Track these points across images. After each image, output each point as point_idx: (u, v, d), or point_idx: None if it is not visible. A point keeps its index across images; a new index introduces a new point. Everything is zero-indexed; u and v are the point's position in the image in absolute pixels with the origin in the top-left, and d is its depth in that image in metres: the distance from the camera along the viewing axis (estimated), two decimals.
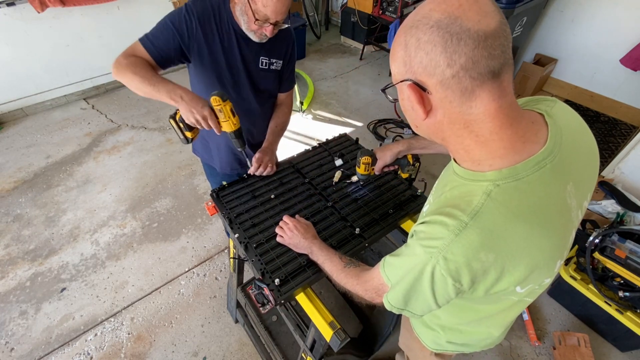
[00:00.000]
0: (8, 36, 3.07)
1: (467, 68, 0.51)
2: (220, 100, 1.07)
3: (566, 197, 0.61)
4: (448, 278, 0.59)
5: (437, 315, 0.92)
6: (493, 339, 0.96)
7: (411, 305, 0.69)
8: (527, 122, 0.60)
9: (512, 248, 0.58)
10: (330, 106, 3.72)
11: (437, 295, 0.64)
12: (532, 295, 0.74)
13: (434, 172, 2.89)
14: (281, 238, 1.11)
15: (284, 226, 1.12)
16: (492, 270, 0.58)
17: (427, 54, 0.53)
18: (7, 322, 1.95)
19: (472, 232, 0.57)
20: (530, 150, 0.58)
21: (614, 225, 1.81)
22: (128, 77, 1.09)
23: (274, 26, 1.13)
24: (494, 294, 0.64)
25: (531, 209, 0.58)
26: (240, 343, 1.87)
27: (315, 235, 1.09)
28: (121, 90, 3.85)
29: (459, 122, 0.58)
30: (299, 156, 1.52)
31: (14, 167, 2.89)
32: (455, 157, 0.66)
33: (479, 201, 0.57)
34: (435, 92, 0.56)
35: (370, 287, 0.79)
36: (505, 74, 0.54)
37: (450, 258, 0.58)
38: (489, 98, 0.54)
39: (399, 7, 3.73)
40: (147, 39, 1.14)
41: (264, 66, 1.31)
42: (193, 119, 1.09)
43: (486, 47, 0.50)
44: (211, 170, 1.62)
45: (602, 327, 1.89)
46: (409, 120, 0.66)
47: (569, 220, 0.63)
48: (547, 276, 0.67)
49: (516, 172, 0.57)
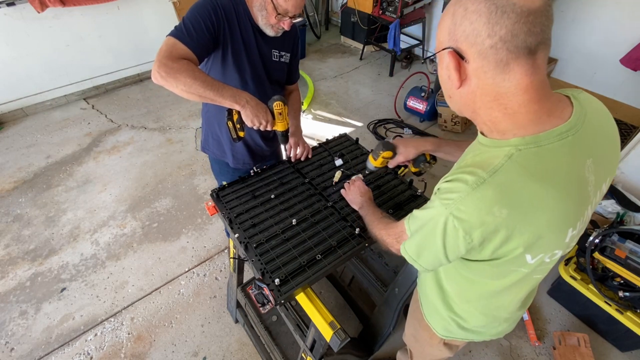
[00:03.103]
0: (8, 36, 3.07)
1: (506, 40, 0.54)
2: (282, 105, 1.19)
3: (585, 170, 0.64)
4: (460, 230, 0.63)
5: (447, 290, 0.93)
6: (502, 326, 0.98)
7: (423, 258, 0.74)
8: (555, 100, 0.63)
9: (525, 206, 0.60)
10: (330, 106, 3.72)
11: (448, 248, 0.67)
12: (542, 269, 0.76)
13: (434, 172, 2.89)
14: (344, 191, 1.29)
15: (350, 183, 1.28)
16: (502, 228, 0.61)
17: (471, 23, 0.57)
18: (7, 322, 1.95)
19: (489, 187, 0.60)
20: (554, 123, 0.62)
21: (614, 225, 1.80)
22: (185, 82, 1.03)
23: (292, 19, 1.20)
24: (502, 257, 0.67)
25: (548, 173, 0.60)
26: (240, 343, 1.87)
27: (371, 198, 1.21)
28: (121, 90, 3.85)
29: (490, 94, 0.61)
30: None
31: (14, 167, 2.89)
32: (482, 130, 0.70)
33: (499, 162, 0.61)
34: (472, 61, 0.59)
35: (392, 233, 0.87)
36: (540, 52, 0.56)
37: (464, 209, 0.61)
38: (522, 73, 0.57)
39: (399, 7, 3.73)
40: (182, 34, 1.08)
41: (275, 58, 1.37)
42: (257, 122, 1.16)
43: (527, 23, 0.53)
44: (221, 167, 1.64)
45: (602, 327, 1.89)
46: (444, 92, 0.71)
47: (586, 193, 0.66)
48: (557, 247, 0.69)
49: (538, 140, 0.61)
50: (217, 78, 1.29)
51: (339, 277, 2.05)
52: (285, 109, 1.21)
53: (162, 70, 1.02)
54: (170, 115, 3.52)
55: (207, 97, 1.07)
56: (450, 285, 0.92)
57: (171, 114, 3.55)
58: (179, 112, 3.57)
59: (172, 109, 3.60)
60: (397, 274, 1.48)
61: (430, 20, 4.26)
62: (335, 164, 1.47)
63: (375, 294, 1.71)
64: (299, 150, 1.47)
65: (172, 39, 1.07)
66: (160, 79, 1.03)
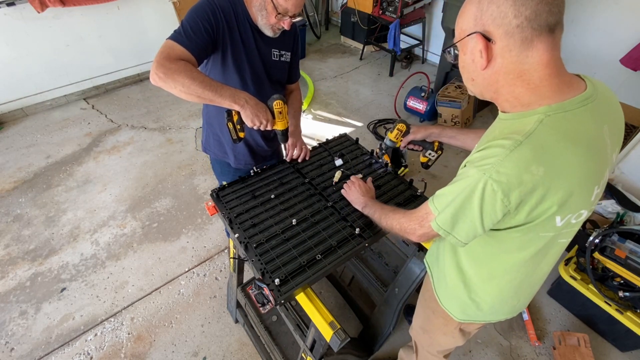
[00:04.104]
0: (8, 36, 3.07)
1: (531, 19, 0.62)
2: (282, 103, 1.18)
3: (604, 134, 0.71)
4: (498, 192, 0.66)
5: (467, 271, 0.95)
6: (519, 302, 0.99)
7: (457, 228, 0.75)
8: (571, 75, 0.71)
9: (560, 164, 0.65)
10: (330, 106, 3.72)
11: (485, 214, 0.70)
12: (567, 232, 0.80)
13: (434, 172, 2.89)
14: (344, 191, 1.28)
15: (350, 183, 1.28)
16: (539, 187, 0.65)
17: (498, 7, 0.63)
18: (7, 322, 1.95)
19: (526, 147, 0.64)
20: (574, 93, 0.68)
21: (614, 225, 1.80)
22: (184, 83, 1.02)
23: (292, 19, 1.19)
24: (535, 220, 0.71)
25: (577, 134, 0.67)
26: (240, 343, 1.87)
27: (374, 196, 1.24)
28: (121, 90, 3.85)
29: (513, 72, 0.67)
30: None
31: (14, 167, 2.89)
32: (504, 107, 0.74)
33: (532, 127, 0.66)
34: (499, 40, 0.66)
35: (414, 217, 0.87)
36: (557, 31, 0.65)
37: (503, 171, 0.65)
38: (544, 48, 0.64)
39: (399, 7, 3.73)
40: (181, 37, 1.08)
41: (275, 58, 1.37)
42: (257, 122, 1.15)
43: (547, 4, 0.61)
44: (222, 167, 1.64)
45: (602, 327, 1.89)
46: (465, 77, 0.76)
47: (606, 155, 0.72)
48: (584, 206, 0.74)
49: (564, 106, 0.67)
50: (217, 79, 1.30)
51: (339, 277, 2.05)
52: (285, 108, 1.20)
53: (160, 72, 1.02)
54: (170, 115, 3.52)
55: (206, 97, 1.07)
56: (471, 266, 0.93)
57: (171, 114, 3.55)
58: (179, 112, 3.57)
59: (172, 109, 3.61)
60: (397, 274, 1.48)
61: (430, 20, 4.26)
62: (335, 164, 1.47)
63: (375, 294, 1.71)
64: (296, 152, 1.47)
65: (170, 42, 1.08)
66: (158, 80, 1.03)
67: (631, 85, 3.16)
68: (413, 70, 4.22)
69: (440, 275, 1.05)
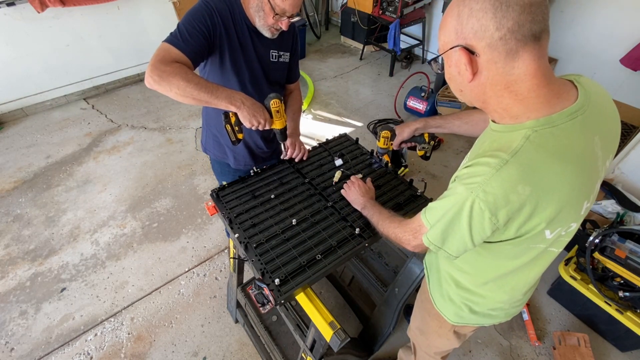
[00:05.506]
0: (8, 36, 3.07)
1: (514, 30, 0.59)
2: (279, 102, 1.17)
3: (594, 146, 0.69)
4: (486, 211, 0.65)
5: (459, 276, 0.95)
6: (513, 307, 0.99)
7: (448, 243, 0.75)
8: (560, 84, 0.68)
9: (546, 182, 0.64)
10: (330, 106, 3.72)
11: (474, 231, 0.69)
12: (558, 243, 0.80)
13: (434, 172, 2.89)
14: (344, 191, 1.28)
15: (349, 184, 1.28)
16: (527, 205, 0.64)
17: (478, 20, 0.61)
18: (7, 322, 1.95)
19: (512, 167, 0.63)
20: (563, 105, 0.66)
21: (614, 225, 1.81)
22: (179, 85, 1.02)
23: (289, 19, 1.18)
24: (524, 234, 0.70)
25: (565, 150, 0.65)
26: (240, 343, 1.87)
27: (373, 197, 1.24)
28: (121, 90, 3.85)
29: (500, 84, 0.65)
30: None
31: (14, 167, 2.89)
32: (494, 117, 0.73)
33: (518, 144, 0.64)
34: (483, 54, 0.63)
35: (409, 228, 0.87)
36: (544, 39, 0.62)
37: (490, 191, 0.64)
38: (530, 58, 0.62)
39: (399, 7, 3.73)
40: (177, 40, 1.08)
41: (274, 59, 1.36)
42: (255, 122, 1.14)
43: (530, 13, 0.58)
44: (222, 167, 1.64)
45: (602, 327, 1.89)
46: (453, 87, 0.75)
47: (596, 167, 0.71)
48: (573, 219, 0.74)
49: (552, 121, 0.65)
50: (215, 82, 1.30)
51: (339, 277, 2.05)
52: (282, 106, 1.20)
53: (154, 74, 1.01)
54: (170, 115, 3.52)
55: (202, 99, 1.06)
56: (465, 270, 0.93)
57: (171, 114, 3.55)
58: (179, 112, 3.57)
59: (172, 109, 3.61)
60: (397, 274, 1.48)
61: (430, 20, 4.26)
62: (335, 164, 1.47)
63: (375, 294, 1.71)
64: (295, 152, 1.46)
65: (165, 44, 1.08)
66: (153, 82, 1.02)
67: (631, 85, 3.16)
68: (413, 70, 4.22)
69: (436, 277, 1.06)
